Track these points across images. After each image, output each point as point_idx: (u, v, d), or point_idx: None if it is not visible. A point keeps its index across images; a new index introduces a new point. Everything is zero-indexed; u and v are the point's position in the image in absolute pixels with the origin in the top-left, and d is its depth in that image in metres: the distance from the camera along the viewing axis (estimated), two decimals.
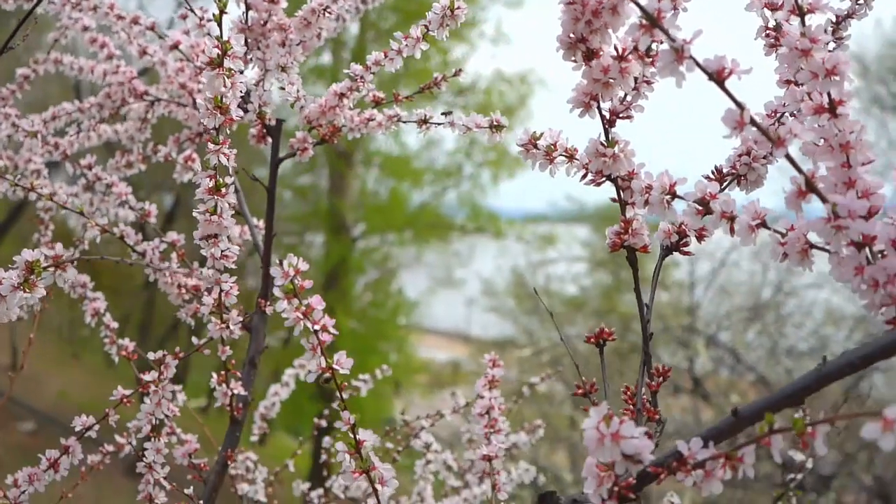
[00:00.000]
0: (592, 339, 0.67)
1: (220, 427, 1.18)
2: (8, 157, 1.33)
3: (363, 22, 9.17)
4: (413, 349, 11.16)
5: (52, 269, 0.69)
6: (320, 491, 1.40)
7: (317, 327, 0.65)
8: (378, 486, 0.68)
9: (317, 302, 0.66)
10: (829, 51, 0.55)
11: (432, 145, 12.14)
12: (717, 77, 0.53)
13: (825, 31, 0.73)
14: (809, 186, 0.54)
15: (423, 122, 0.99)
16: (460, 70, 1.04)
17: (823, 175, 0.59)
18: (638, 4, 0.56)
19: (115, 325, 1.13)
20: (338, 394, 0.66)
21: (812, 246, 0.58)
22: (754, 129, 0.57)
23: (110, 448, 1.14)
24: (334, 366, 0.66)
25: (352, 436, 0.68)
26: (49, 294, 1.21)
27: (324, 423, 1.71)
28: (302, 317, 0.65)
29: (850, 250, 0.54)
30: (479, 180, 11.93)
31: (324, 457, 1.53)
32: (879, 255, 0.55)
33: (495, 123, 0.88)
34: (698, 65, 0.53)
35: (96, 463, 1.14)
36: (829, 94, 0.57)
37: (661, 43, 0.57)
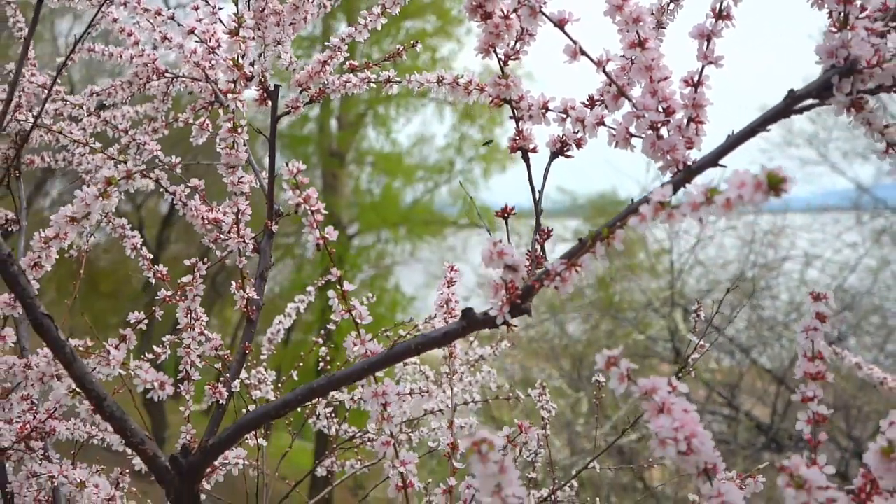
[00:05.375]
0: (499, 214, 0.98)
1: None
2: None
3: (352, 21, 9.47)
4: None
5: (124, 180, 0.99)
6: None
7: (313, 208, 0.95)
8: (358, 321, 0.98)
9: (313, 192, 0.96)
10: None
11: (423, 142, 12.45)
12: (560, 24, 0.83)
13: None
14: (620, 92, 0.85)
15: (388, 81, 1.29)
16: (416, 42, 1.34)
17: None
18: None
19: (150, 256, 1.43)
20: (321, 245, 0.96)
21: (631, 135, 0.88)
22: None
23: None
24: (325, 234, 0.96)
25: (339, 287, 0.98)
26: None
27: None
28: (303, 202, 0.95)
29: (648, 132, 0.84)
30: (470, 175, 12.25)
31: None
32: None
33: (440, 78, 1.18)
34: (546, 17, 0.83)
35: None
36: (638, 34, 0.87)
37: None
